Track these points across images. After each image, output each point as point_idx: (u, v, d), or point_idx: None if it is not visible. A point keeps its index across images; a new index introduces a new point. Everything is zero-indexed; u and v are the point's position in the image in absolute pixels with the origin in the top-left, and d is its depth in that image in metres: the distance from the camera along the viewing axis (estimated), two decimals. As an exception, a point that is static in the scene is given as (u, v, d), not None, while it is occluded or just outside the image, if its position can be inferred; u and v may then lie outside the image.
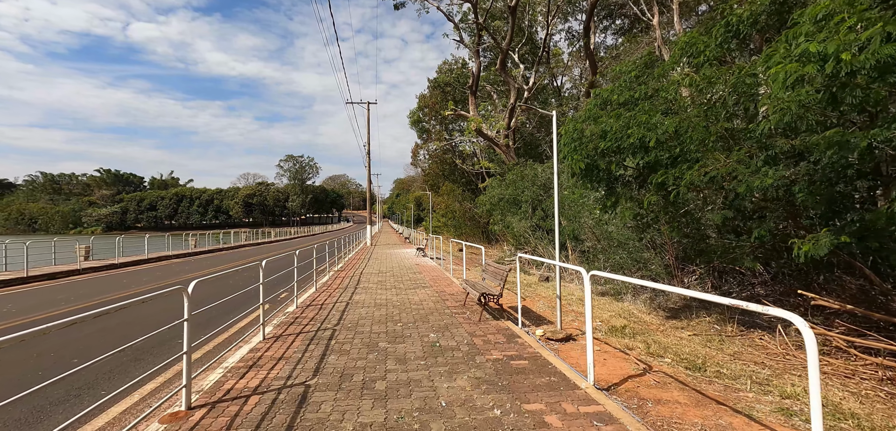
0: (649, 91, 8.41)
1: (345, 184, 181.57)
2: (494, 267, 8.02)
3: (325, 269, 14.75)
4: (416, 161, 64.63)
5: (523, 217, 20.40)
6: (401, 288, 11.03)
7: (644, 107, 8.30)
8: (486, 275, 8.54)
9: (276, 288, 11.33)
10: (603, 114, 8.97)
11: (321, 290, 10.77)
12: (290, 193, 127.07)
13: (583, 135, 9.14)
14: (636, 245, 13.20)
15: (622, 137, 7.93)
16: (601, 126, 8.73)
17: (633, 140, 7.52)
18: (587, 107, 9.69)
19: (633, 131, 7.62)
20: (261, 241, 39.64)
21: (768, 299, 10.55)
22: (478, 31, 22.98)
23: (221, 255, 25.52)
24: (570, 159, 9.96)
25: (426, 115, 46.50)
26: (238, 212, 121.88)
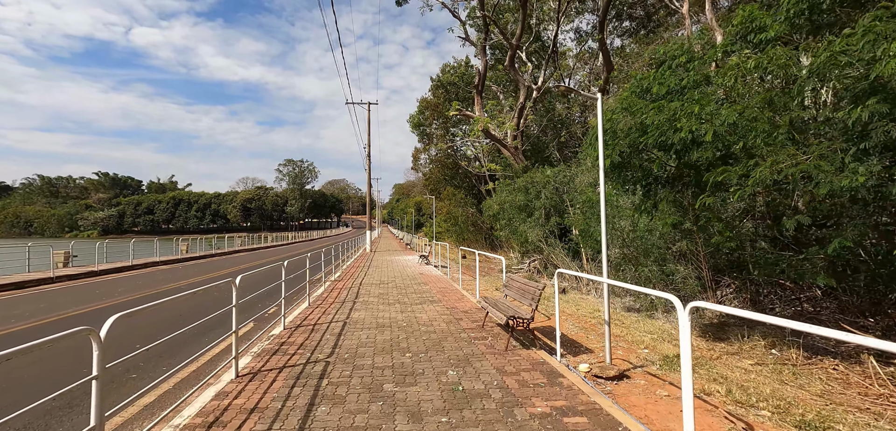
0: (699, 78, 7.12)
1: (344, 188, 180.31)
2: (520, 283, 6.70)
3: (320, 279, 13.42)
4: (416, 165, 63.44)
5: (535, 224, 19.08)
6: (406, 302, 9.70)
7: (693, 95, 7.03)
8: (508, 291, 7.22)
9: (265, 303, 10.00)
10: (641, 104, 7.69)
11: (315, 305, 9.44)
12: (289, 198, 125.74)
13: (616, 128, 7.87)
14: (665, 255, 11.90)
15: (668, 131, 6.65)
16: (639, 118, 7.45)
17: (684, 133, 6.22)
18: (621, 98, 8.41)
19: (682, 123, 6.33)
20: (256, 247, 38.28)
21: (826, 319, 9.25)
22: (485, 24, 21.78)
23: (213, 261, 24.17)
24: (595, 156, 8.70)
25: (427, 119, 45.30)
26: (236, 216, 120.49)
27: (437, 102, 38.80)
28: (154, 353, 6.26)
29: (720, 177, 6.19)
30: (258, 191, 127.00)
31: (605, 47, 19.82)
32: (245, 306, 6.93)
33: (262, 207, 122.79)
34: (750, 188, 5.91)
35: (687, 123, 6.24)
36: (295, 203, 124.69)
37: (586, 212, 13.04)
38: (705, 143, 6.33)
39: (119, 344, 6.68)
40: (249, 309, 8.98)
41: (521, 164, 21.61)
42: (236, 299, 4.92)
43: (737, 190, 5.93)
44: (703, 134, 5.96)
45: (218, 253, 28.81)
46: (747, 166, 5.98)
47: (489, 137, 21.47)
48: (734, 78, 6.61)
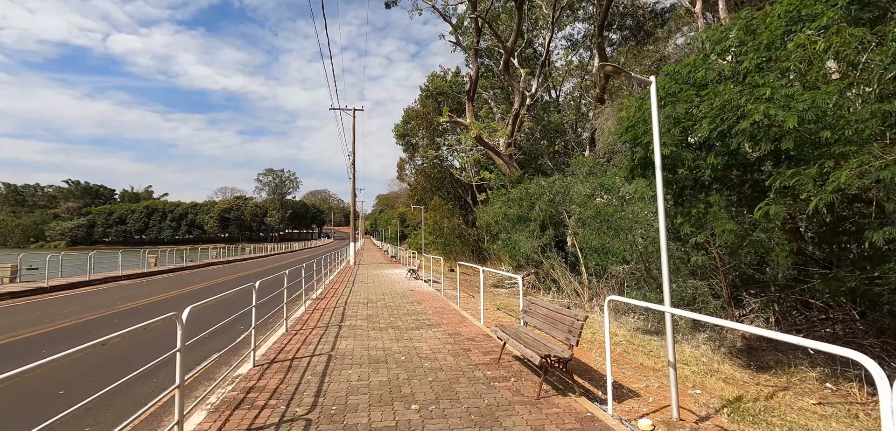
0: (759, 60, 6.09)
1: (326, 199, 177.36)
2: (548, 309, 5.48)
3: (300, 297, 11.96)
4: (401, 175, 62.24)
5: (531, 236, 17.97)
6: (400, 327, 8.37)
7: (755, 79, 5.95)
8: (528, 318, 5.99)
9: (234, 329, 8.55)
10: (687, 92, 6.63)
11: (294, 331, 8.04)
12: (269, 208, 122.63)
13: (648, 121, 6.80)
14: (679, 269, 10.90)
15: (729, 118, 5.58)
16: (683, 107, 6.39)
17: (758, 116, 5.13)
18: (659, 87, 7.33)
19: (753, 108, 5.26)
20: (232, 259, 36.25)
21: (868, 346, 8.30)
22: (477, 28, 20.81)
23: (183, 276, 22.32)
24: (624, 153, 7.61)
25: (413, 129, 44.17)
26: (213, 226, 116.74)
27: (424, 111, 37.69)
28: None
29: (791, 180, 5.12)
30: (237, 201, 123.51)
31: (603, 52, 19.02)
32: (211, 335, 5.56)
33: (240, 218, 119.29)
34: (827, 195, 4.86)
35: (758, 108, 5.16)
36: (275, 213, 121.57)
37: (597, 225, 11.93)
38: (786, 133, 5.24)
39: (32, 391, 5.20)
40: (215, 338, 7.55)
41: (515, 173, 20.56)
42: (182, 341, 3.57)
43: (817, 195, 4.86)
44: (783, 122, 4.87)
45: (189, 266, 26.87)
46: (825, 167, 4.94)
47: (482, 145, 20.39)
48: (800, 61, 5.58)
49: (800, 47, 5.73)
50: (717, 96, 5.84)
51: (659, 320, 10.24)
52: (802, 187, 5.11)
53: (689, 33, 27.45)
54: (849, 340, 9.37)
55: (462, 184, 45.51)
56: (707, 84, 6.50)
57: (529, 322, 5.94)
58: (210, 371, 5.96)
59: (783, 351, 9.79)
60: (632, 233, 10.76)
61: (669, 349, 4.29)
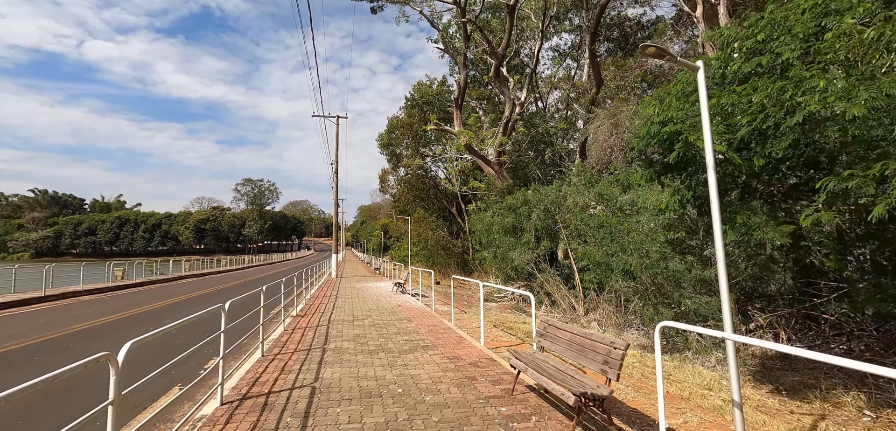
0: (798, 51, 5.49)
1: (306, 210, 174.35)
2: (573, 334, 4.69)
3: (279, 313, 10.89)
4: (384, 186, 61.29)
5: (525, 247, 17.26)
6: (392, 349, 7.47)
7: (799, 72, 5.35)
8: (546, 342, 5.19)
9: (202, 357, 7.51)
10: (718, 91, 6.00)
11: (271, 356, 7.05)
12: (247, 219, 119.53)
13: (668, 123, 6.14)
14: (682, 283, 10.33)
15: (776, 112, 4.94)
16: (722, 99, 5.75)
17: (814, 107, 4.49)
18: (680, 82, 6.69)
19: (805, 100, 4.62)
20: (207, 271, 34.54)
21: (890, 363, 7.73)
22: (465, 33, 20.22)
23: (151, 290, 20.85)
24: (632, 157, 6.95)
25: (397, 138, 43.39)
26: (189, 237, 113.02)
27: (409, 120, 36.94)
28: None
29: (847, 182, 4.49)
30: (214, 212, 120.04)
31: (595, 60, 18.64)
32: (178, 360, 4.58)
33: (217, 229, 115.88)
34: (893, 198, 4.23)
35: (810, 100, 4.51)
36: (253, 224, 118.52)
37: (600, 237, 11.25)
38: (847, 126, 4.61)
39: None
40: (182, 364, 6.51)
41: (505, 183, 19.91)
42: (117, 389, 2.64)
43: (883, 199, 4.22)
44: (846, 114, 4.22)
45: (159, 280, 25.28)
46: (889, 168, 4.32)
47: (472, 153, 19.70)
48: (846, 51, 5.00)
49: (842, 37, 5.16)
50: (757, 91, 5.21)
51: (675, 337, 9.56)
52: (862, 190, 4.49)
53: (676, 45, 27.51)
54: (871, 358, 8.85)
55: (447, 194, 44.79)
56: (746, 77, 5.87)
57: (547, 347, 5.14)
58: (168, 411, 4.96)
59: (799, 370, 9.22)
60: (643, 245, 10.11)
61: (734, 387, 3.54)
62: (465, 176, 32.68)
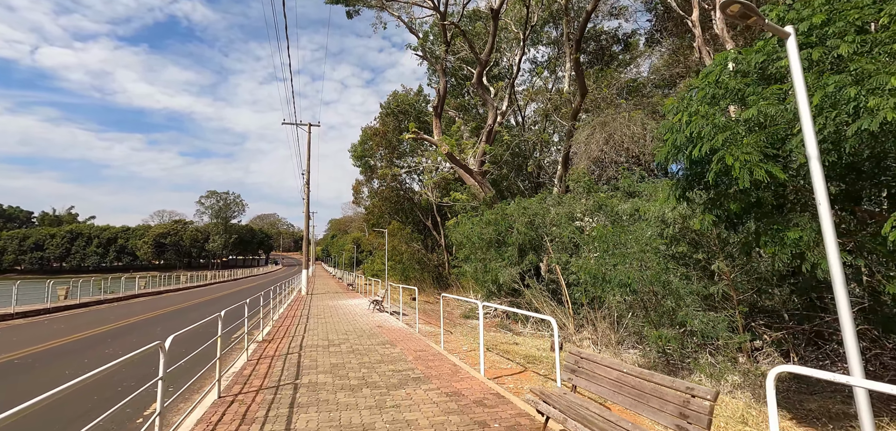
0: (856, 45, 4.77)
1: (274, 223, 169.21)
2: (623, 372, 3.70)
3: (242, 338, 9.46)
4: (357, 199, 59.70)
5: (510, 261, 16.36)
6: (378, 385, 6.31)
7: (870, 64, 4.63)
8: (579, 378, 4.18)
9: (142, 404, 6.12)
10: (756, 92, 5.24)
11: (228, 399, 5.76)
12: (212, 233, 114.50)
13: (697, 141, 5.31)
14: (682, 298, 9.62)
15: (840, 117, 4.18)
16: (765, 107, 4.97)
17: (888, 116, 3.73)
18: (711, 71, 5.88)
19: (878, 103, 3.86)
20: (164, 289, 32.03)
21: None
22: (446, 39, 19.41)
23: (99, 312, 18.75)
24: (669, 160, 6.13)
25: (371, 149, 42.11)
26: (147, 253, 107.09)
27: (384, 130, 35.77)
28: None
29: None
30: (175, 226, 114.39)
31: (579, 68, 18.15)
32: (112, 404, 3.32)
33: (178, 243, 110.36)
34: None
35: (884, 104, 3.74)
36: (218, 238, 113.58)
37: (600, 249, 10.44)
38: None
39: None
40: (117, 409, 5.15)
41: (488, 194, 19.06)
42: None
43: None
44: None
45: (109, 300, 22.97)
46: None
47: (453, 162, 18.78)
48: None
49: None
50: (819, 89, 4.45)
51: (674, 353, 8.76)
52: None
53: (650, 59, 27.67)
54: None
55: (422, 207, 43.75)
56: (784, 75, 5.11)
57: (581, 386, 4.13)
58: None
59: (819, 393, 8.60)
60: (644, 258, 9.33)
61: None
62: (443, 188, 31.77)
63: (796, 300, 10.74)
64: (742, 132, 5.00)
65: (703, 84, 5.77)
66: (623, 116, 16.05)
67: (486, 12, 24.82)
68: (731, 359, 9.64)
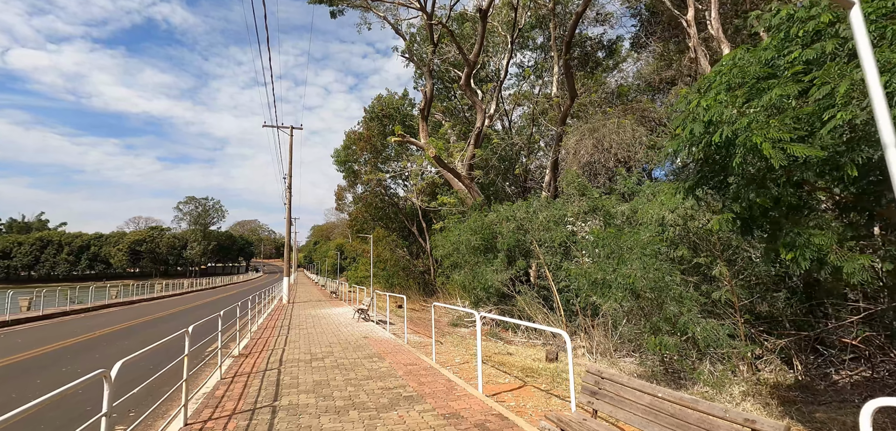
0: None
1: (255, 230, 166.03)
2: (655, 396, 3.19)
3: (215, 351, 8.69)
4: (340, 204, 58.69)
5: (500, 267, 15.89)
6: (367, 405, 5.70)
7: None
8: (603, 403, 3.67)
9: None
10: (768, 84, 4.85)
11: (195, 427, 5.09)
12: (190, 239, 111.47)
13: (717, 125, 4.89)
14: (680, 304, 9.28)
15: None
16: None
17: None
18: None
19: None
20: (138, 299, 30.62)
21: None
22: (433, 39, 18.94)
23: (64, 324, 17.60)
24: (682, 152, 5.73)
25: (354, 154, 41.34)
26: (122, 260, 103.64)
27: (368, 134, 35.07)
28: None
29: None
30: (151, 232, 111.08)
31: (569, 72, 17.88)
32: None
33: (155, 250, 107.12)
34: None
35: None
36: (196, 245, 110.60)
37: (595, 253, 10.01)
38: None
39: None
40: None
41: (477, 198, 18.58)
42: None
43: None
44: None
45: (76, 311, 21.68)
46: None
47: (441, 166, 18.26)
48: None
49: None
50: (843, 77, 4.06)
51: (671, 359, 8.36)
52: None
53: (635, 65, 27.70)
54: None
55: (407, 213, 43.11)
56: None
57: (604, 412, 3.62)
58: None
59: (824, 403, 8.30)
60: (646, 261, 8.93)
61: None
62: (430, 193, 31.23)
63: (795, 306, 10.52)
64: (762, 118, 4.60)
65: (725, 67, 5.39)
66: (612, 122, 15.79)
67: (473, 14, 24.47)
68: (732, 369, 9.30)
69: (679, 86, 14.74)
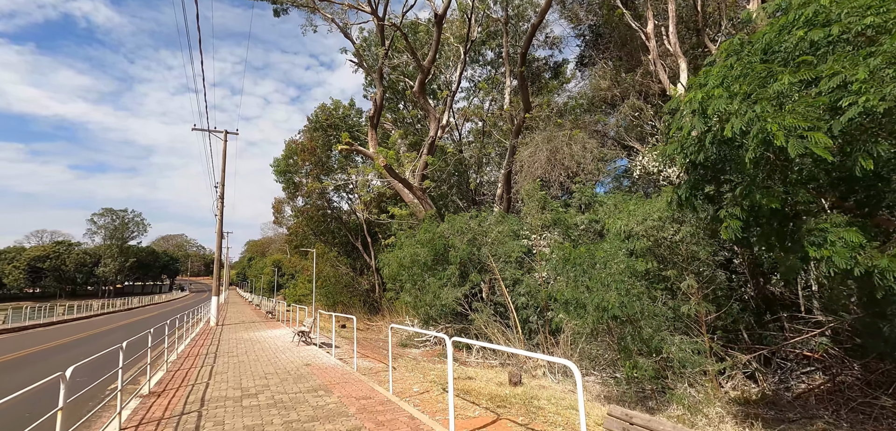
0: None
1: (182, 245, 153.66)
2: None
3: (115, 394, 6.86)
4: (279, 218, 55.35)
5: (451, 284, 14.98)
6: (315, 460, 4.49)
7: None
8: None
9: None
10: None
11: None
12: (103, 255, 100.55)
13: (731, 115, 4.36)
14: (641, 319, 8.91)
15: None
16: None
17: None
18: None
19: None
20: (29, 324, 26.30)
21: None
22: (383, 40, 17.97)
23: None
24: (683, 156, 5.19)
25: (295, 164, 39.05)
26: (18, 279, 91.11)
27: (312, 144, 33.17)
28: None
29: None
30: (56, 247, 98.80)
31: (524, 83, 17.65)
32: None
33: (61, 268, 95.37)
34: None
35: None
36: (112, 262, 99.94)
37: (569, 270, 9.39)
38: None
39: None
40: None
41: (429, 210, 17.68)
42: None
43: None
44: None
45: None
46: None
47: (393, 177, 17.19)
48: None
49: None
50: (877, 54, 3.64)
51: (645, 382, 7.85)
52: None
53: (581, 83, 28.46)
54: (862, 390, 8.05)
55: (351, 227, 41.27)
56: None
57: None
58: None
59: (796, 421, 8.15)
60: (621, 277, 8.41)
61: None
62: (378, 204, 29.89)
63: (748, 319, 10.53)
64: (771, 108, 4.10)
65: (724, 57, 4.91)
66: (565, 134, 15.63)
67: (426, 25, 23.87)
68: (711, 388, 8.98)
69: (631, 100, 14.87)
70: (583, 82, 27.82)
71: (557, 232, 13.12)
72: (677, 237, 8.95)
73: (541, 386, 9.97)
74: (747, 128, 4.00)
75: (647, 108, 14.42)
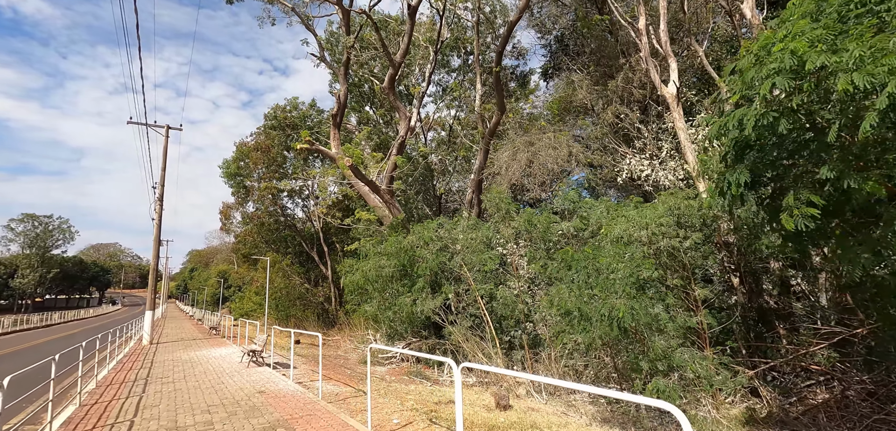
0: None
1: (115, 255, 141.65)
2: None
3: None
4: (227, 224, 51.64)
5: (423, 296, 13.70)
6: None
7: None
8: None
9: None
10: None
11: None
12: (21, 266, 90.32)
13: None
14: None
15: None
16: None
17: None
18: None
19: None
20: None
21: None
22: (349, 31, 16.61)
23: None
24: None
25: (247, 167, 36.42)
26: None
27: (267, 144, 30.91)
28: None
29: None
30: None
31: (499, 85, 16.86)
32: None
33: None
34: None
35: None
36: (31, 273, 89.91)
37: (572, 276, 8.43)
38: None
39: None
40: None
41: (397, 215, 16.39)
42: None
43: None
44: None
45: None
46: None
47: (359, 178, 15.75)
48: None
49: None
50: None
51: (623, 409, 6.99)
52: None
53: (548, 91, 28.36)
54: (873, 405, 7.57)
55: (305, 235, 39.03)
56: None
57: None
58: None
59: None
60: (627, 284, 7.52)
61: None
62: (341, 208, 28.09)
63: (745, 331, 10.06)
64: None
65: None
66: (549, 136, 14.94)
67: (396, 18, 22.71)
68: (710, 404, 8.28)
69: (614, 106, 14.40)
70: (548, 92, 27.73)
71: (531, 241, 12.24)
72: (686, 244, 8.24)
73: (531, 409, 8.92)
74: (870, 84, 3.17)
75: (631, 112, 13.98)
